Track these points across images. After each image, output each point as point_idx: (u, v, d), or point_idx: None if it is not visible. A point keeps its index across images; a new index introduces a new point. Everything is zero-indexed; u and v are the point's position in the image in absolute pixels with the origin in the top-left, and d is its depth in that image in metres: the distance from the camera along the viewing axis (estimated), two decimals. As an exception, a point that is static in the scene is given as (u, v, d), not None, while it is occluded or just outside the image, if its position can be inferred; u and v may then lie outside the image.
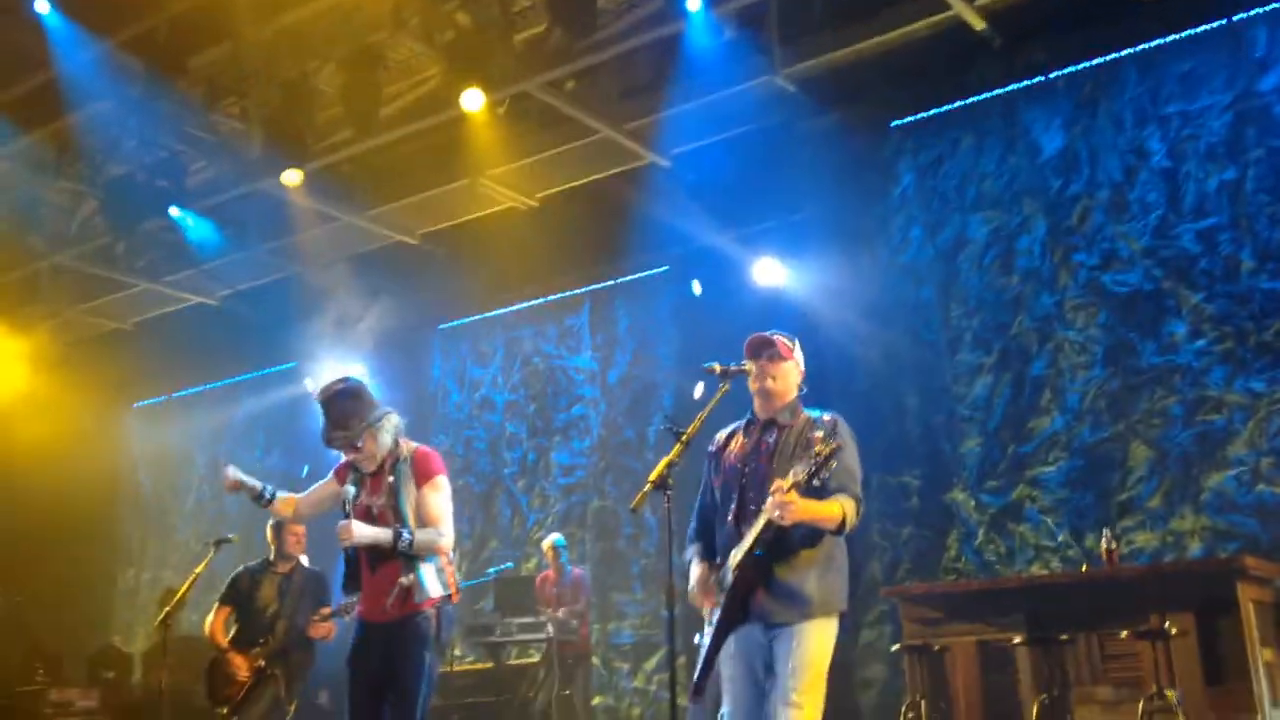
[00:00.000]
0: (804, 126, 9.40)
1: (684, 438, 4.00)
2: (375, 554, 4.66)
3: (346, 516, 4.60)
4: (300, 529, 6.96)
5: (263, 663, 6.60)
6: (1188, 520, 8.00)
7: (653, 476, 3.86)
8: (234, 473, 4.92)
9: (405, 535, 4.59)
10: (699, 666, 4.03)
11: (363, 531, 4.59)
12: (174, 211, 10.26)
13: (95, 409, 12.68)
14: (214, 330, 12.03)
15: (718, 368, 4.37)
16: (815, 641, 3.95)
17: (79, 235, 11.26)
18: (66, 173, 10.15)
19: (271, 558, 7.00)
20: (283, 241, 11.03)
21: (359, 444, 4.69)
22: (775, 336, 4.38)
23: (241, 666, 6.57)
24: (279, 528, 6.93)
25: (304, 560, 7.03)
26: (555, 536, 8.58)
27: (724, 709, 3.99)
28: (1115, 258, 8.59)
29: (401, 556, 4.63)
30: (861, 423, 9.30)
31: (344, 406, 4.70)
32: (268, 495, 4.93)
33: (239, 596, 6.85)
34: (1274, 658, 6.23)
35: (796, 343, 4.55)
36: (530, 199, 10.39)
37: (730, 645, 4.00)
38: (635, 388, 10.81)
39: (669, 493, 3.89)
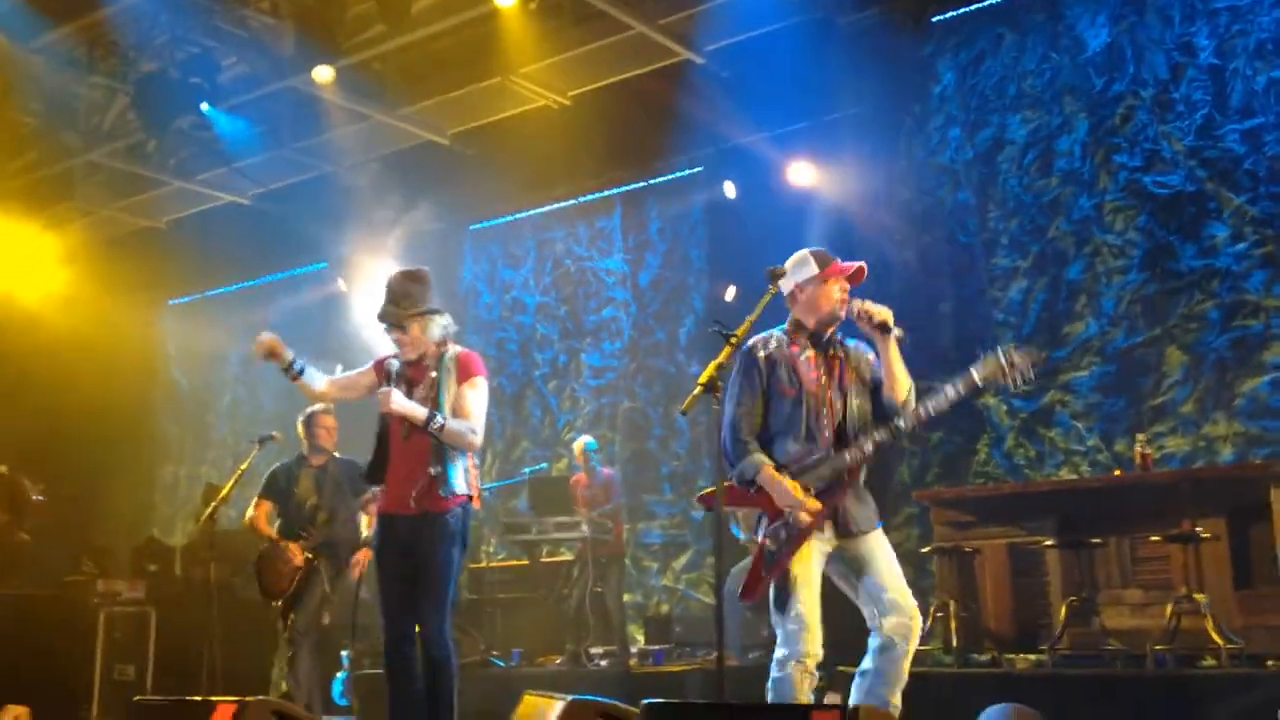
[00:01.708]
0: (843, 22, 9.22)
1: (733, 340, 4.01)
2: (406, 443, 4.72)
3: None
4: (331, 422, 7.04)
5: (310, 554, 6.75)
6: (1220, 425, 8.00)
7: (703, 379, 3.88)
8: (269, 337, 4.90)
9: (439, 418, 4.64)
10: (768, 569, 4.11)
11: (401, 402, 4.65)
12: (205, 108, 10.18)
13: (130, 307, 12.79)
14: (246, 229, 12.04)
15: (781, 270, 4.34)
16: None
17: (112, 132, 11.22)
18: (99, 68, 10.06)
19: (305, 452, 7.09)
20: (314, 140, 10.96)
21: (405, 326, 4.76)
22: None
23: (296, 554, 6.72)
24: (310, 422, 7.01)
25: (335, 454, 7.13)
26: (586, 439, 8.65)
27: (800, 608, 4.10)
28: (1157, 158, 8.46)
29: (432, 446, 4.69)
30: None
31: (404, 287, 4.81)
32: (297, 367, 4.92)
33: (278, 492, 6.96)
34: (1304, 561, 6.27)
35: None
36: (562, 97, 10.25)
37: (809, 550, 4.14)
38: (666, 290, 10.80)
39: (717, 395, 3.91)
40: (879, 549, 4.30)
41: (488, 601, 9.01)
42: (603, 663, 7.77)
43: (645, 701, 3.26)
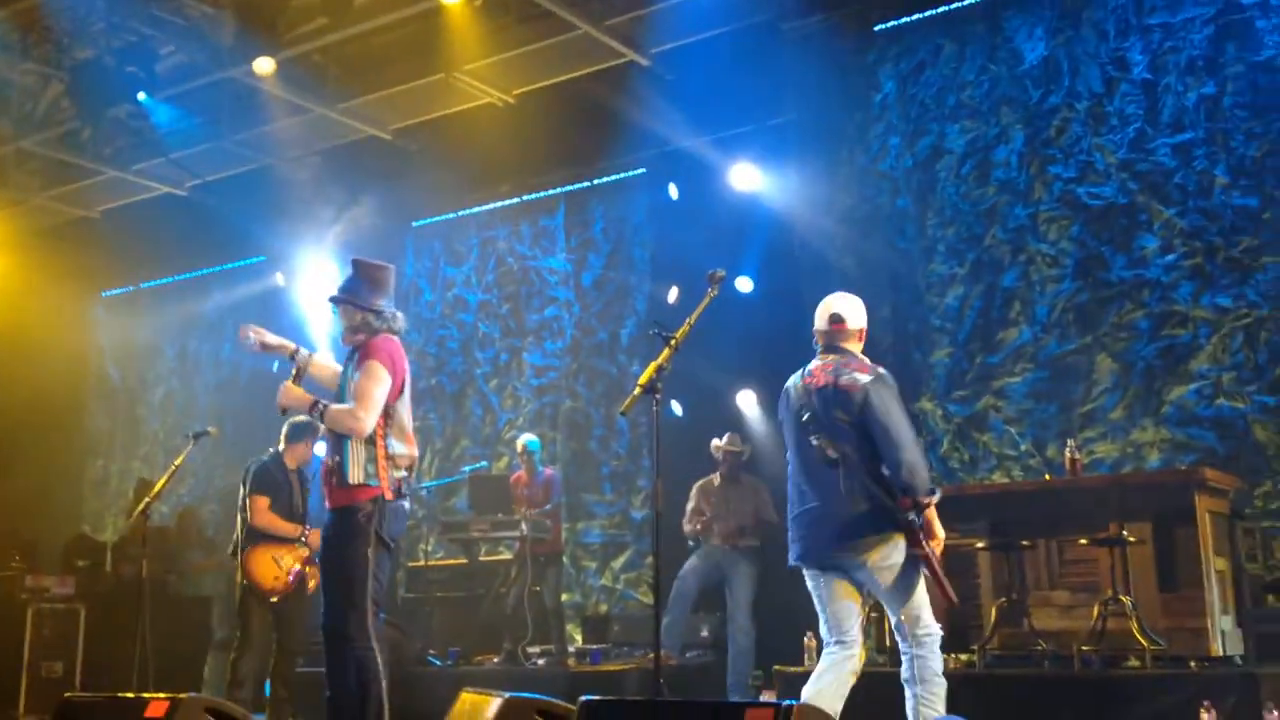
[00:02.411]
0: (787, 27, 9.32)
1: (673, 342, 4.04)
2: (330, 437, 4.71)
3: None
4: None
5: (308, 552, 6.71)
6: (1148, 432, 8.19)
7: (642, 380, 3.92)
8: (257, 333, 4.92)
9: (320, 404, 4.61)
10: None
11: (289, 394, 4.70)
12: (141, 97, 10.03)
13: (62, 298, 12.54)
14: (182, 221, 11.88)
15: (722, 273, 4.41)
16: None
17: (45, 119, 11.02)
18: (33, 54, 9.88)
19: (281, 448, 7.03)
20: (253, 132, 10.85)
21: (338, 311, 4.84)
22: None
23: (293, 557, 6.70)
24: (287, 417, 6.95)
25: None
26: (529, 438, 8.65)
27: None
28: (1091, 170, 8.64)
29: (331, 437, 4.68)
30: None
31: (358, 274, 4.92)
32: (304, 353, 4.90)
33: (274, 487, 6.87)
34: (1226, 567, 6.45)
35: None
36: (507, 95, 10.24)
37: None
38: (609, 290, 10.82)
39: (657, 396, 3.94)
40: None
41: (426, 600, 8.97)
42: (540, 661, 7.78)
43: (583, 698, 3.28)
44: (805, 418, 4.43)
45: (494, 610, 8.35)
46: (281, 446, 7.02)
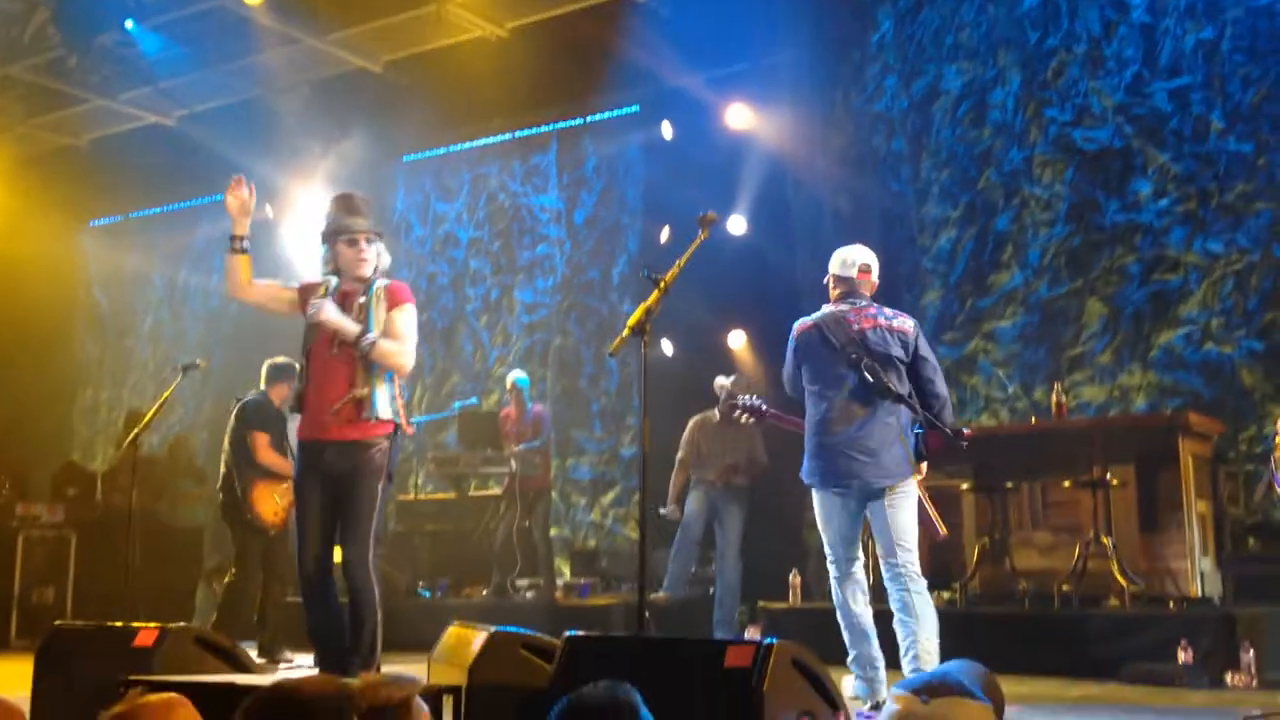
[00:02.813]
0: (784, -36, 9.19)
1: (663, 284, 4.02)
2: (330, 361, 4.58)
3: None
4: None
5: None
6: (1135, 376, 8.24)
7: (631, 322, 3.90)
8: (248, 190, 4.83)
9: (370, 334, 4.51)
10: None
11: (332, 313, 4.49)
12: (129, 25, 9.90)
13: (50, 227, 12.44)
14: (171, 151, 11.76)
15: (714, 215, 4.38)
16: None
17: (31, 46, 10.85)
18: (19, -21, 9.73)
19: (265, 387, 7.09)
20: (242, 63, 10.70)
21: (368, 241, 4.67)
22: None
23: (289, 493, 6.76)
24: (289, 369, 6.99)
25: None
26: (518, 374, 8.64)
27: None
28: (1087, 114, 8.60)
29: (359, 366, 4.54)
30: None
31: (365, 205, 4.76)
32: (245, 245, 4.77)
33: (271, 424, 6.92)
34: (1207, 509, 6.53)
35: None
36: (500, 29, 10.10)
37: None
38: (600, 229, 10.78)
39: (646, 338, 3.94)
40: None
41: (416, 533, 9.04)
42: (529, 595, 7.86)
43: (567, 633, 3.33)
44: (854, 356, 4.64)
45: (483, 544, 8.42)
46: (264, 386, 7.08)
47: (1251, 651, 5.49)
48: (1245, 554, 7.01)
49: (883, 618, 4.83)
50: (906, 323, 4.83)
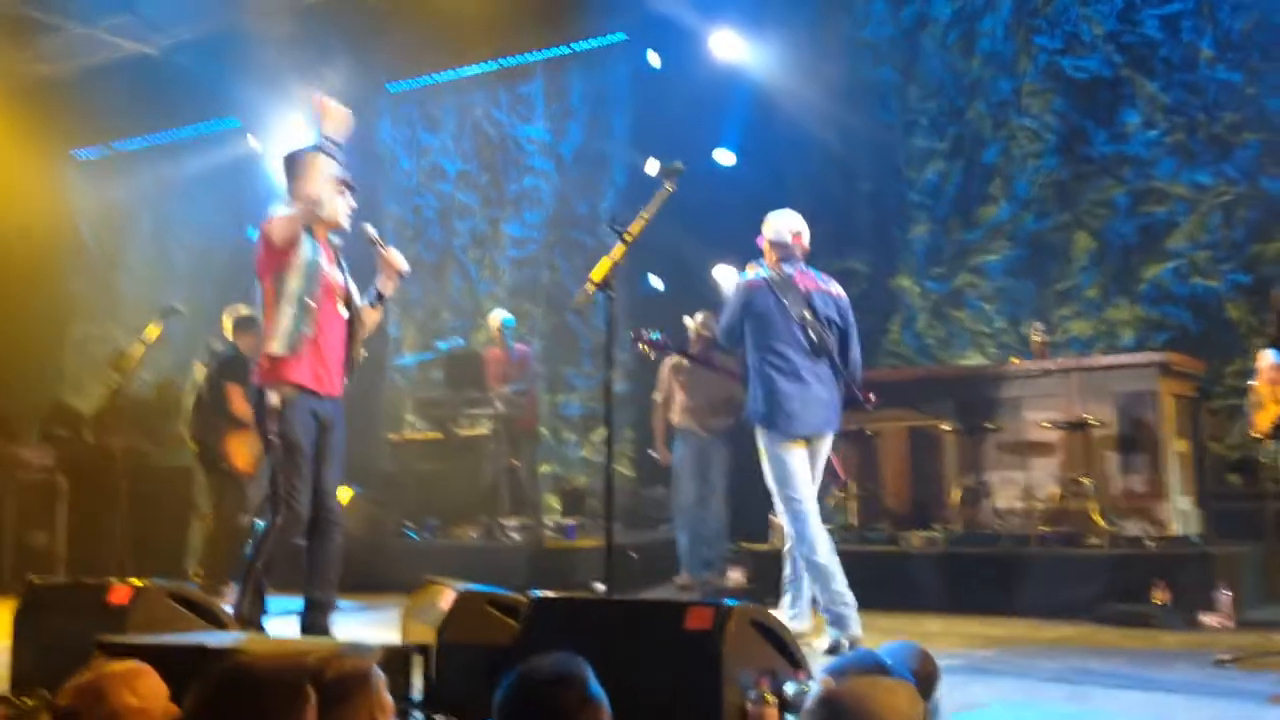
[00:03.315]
0: (773, -116, 8.99)
1: (627, 237, 3.98)
2: (336, 320, 4.66)
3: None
4: None
5: None
6: (1123, 310, 8.22)
7: (595, 276, 3.86)
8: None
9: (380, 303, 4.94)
10: None
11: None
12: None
13: (33, 157, 12.25)
14: (154, 82, 11.55)
15: (680, 166, 4.32)
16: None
17: (9, -28, 10.64)
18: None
19: (232, 337, 7.21)
20: (224, -12, 10.51)
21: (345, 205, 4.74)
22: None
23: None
24: (252, 323, 7.02)
25: None
26: (503, 314, 8.60)
27: None
28: (1077, 42, 8.48)
29: (351, 327, 4.71)
30: (813, 205, 9.32)
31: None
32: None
33: (243, 376, 6.91)
34: (1187, 448, 6.55)
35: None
36: (484, -48, 9.89)
37: None
38: (589, 160, 10.66)
39: (611, 293, 3.90)
40: None
41: (405, 474, 9.08)
42: (516, 536, 7.91)
43: (532, 594, 3.36)
44: (804, 315, 5.03)
45: (471, 485, 8.46)
46: (231, 337, 7.13)
47: (1228, 592, 5.54)
48: (1227, 490, 7.04)
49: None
50: (838, 288, 5.30)
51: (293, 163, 4.70)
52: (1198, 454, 6.71)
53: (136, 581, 3.91)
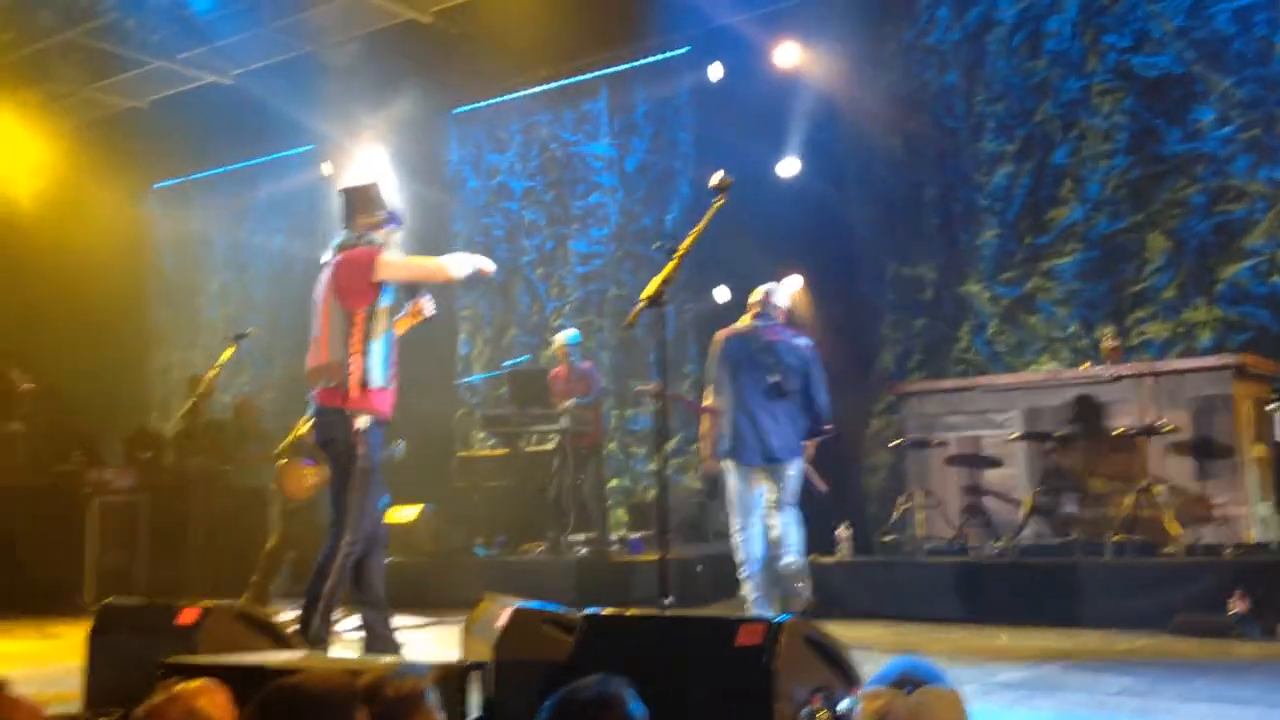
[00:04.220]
0: (832, -105, 8.96)
1: (678, 253, 3.98)
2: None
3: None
4: None
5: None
6: (1200, 311, 8.01)
7: (647, 293, 3.87)
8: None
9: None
10: None
11: None
12: (181, -16, 10.00)
13: (115, 190, 12.66)
14: (230, 110, 11.86)
15: (729, 180, 4.30)
16: None
17: (88, 10, 10.99)
18: (71, -54, 9.85)
19: None
20: (293, 19, 10.74)
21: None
22: None
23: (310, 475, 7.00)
24: None
25: None
26: (569, 333, 8.65)
27: None
28: (1147, 39, 8.30)
29: None
30: (878, 213, 9.24)
31: None
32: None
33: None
34: (1265, 453, 6.36)
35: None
36: (547, -27, 9.99)
37: None
38: (653, 175, 10.70)
39: (663, 309, 3.90)
40: None
41: (473, 489, 9.17)
42: (583, 550, 7.94)
43: (586, 611, 3.37)
44: (769, 361, 5.85)
45: (538, 500, 8.52)
46: None
47: (1307, 600, 5.37)
48: (1311, 495, 6.81)
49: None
50: (802, 340, 6.06)
51: (369, 202, 4.87)
52: (1277, 459, 6.51)
53: (206, 602, 4.00)
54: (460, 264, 4.87)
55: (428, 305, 5.01)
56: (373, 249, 4.78)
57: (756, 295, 6.18)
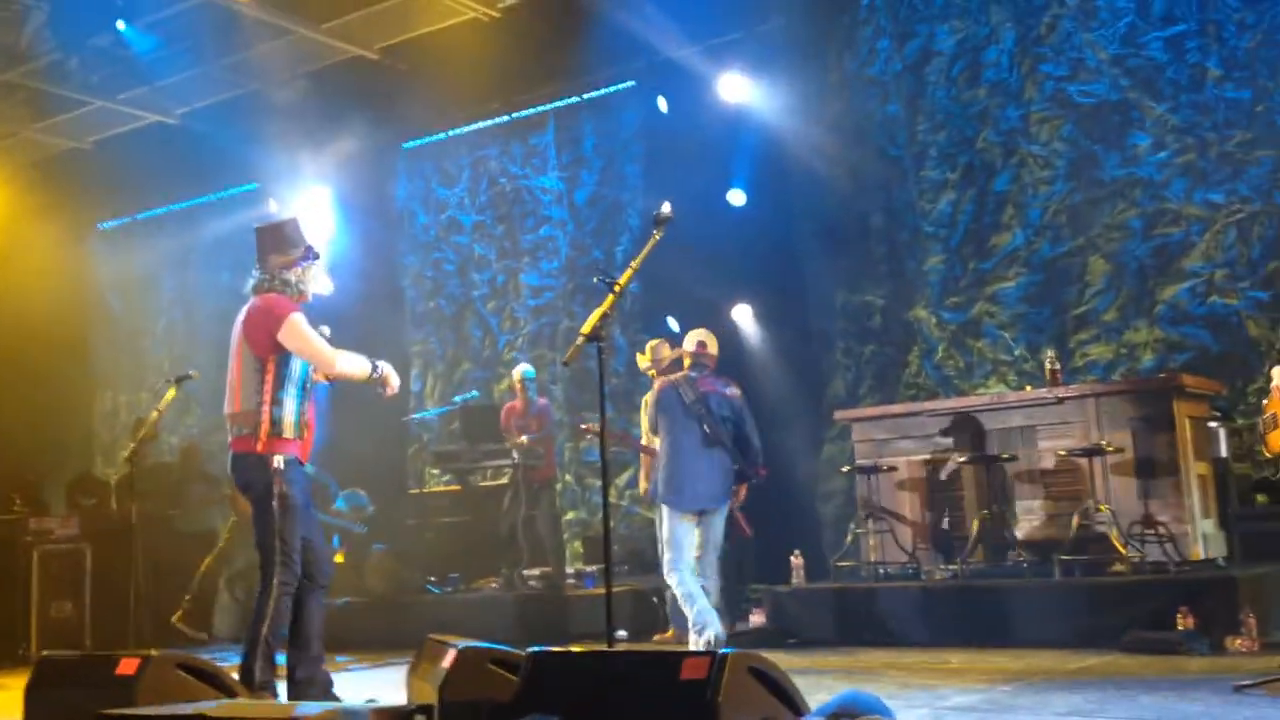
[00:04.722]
0: (773, -72, 9.08)
1: (616, 288, 3.99)
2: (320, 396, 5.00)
3: None
4: None
5: None
6: (1141, 332, 8.15)
7: (585, 329, 3.86)
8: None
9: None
10: None
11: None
12: (121, 26, 9.92)
13: (59, 230, 12.47)
14: (174, 150, 11.77)
15: (668, 214, 4.31)
16: None
17: (29, 52, 10.89)
18: (11, -14, 9.76)
19: None
20: (237, 57, 10.69)
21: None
22: None
23: None
24: None
25: None
26: (525, 368, 8.61)
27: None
28: (1082, 67, 8.47)
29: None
30: (827, 243, 9.32)
31: None
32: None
33: None
34: (1207, 470, 6.45)
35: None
36: (491, 9, 10.01)
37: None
38: (602, 207, 10.74)
39: (602, 345, 3.90)
40: None
41: (427, 526, 9.10)
42: (537, 585, 7.89)
43: (530, 650, 3.35)
44: (700, 411, 6.13)
45: (490, 535, 8.46)
46: None
47: (1252, 616, 5.43)
48: (1254, 510, 6.93)
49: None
50: (734, 391, 6.32)
51: (283, 241, 4.81)
52: (1220, 475, 6.60)
53: (146, 651, 3.93)
54: (353, 364, 4.86)
55: (394, 381, 5.00)
56: (286, 306, 4.74)
57: (689, 345, 6.45)
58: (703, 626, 5.87)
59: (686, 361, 6.39)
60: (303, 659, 4.63)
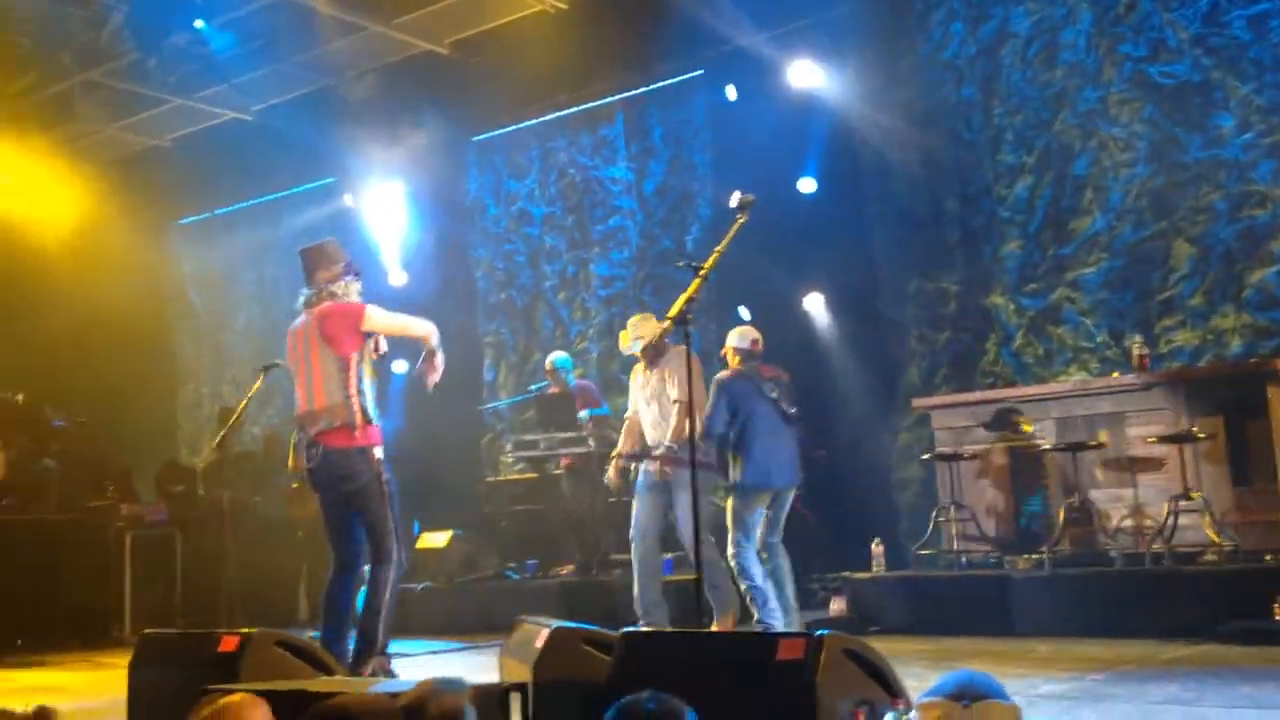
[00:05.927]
0: (845, -87, 9.00)
1: (702, 271, 3.99)
2: None
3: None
4: None
5: None
6: (1229, 318, 7.96)
7: (672, 313, 3.88)
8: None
9: None
10: None
11: None
12: (199, 25, 10.12)
13: (141, 227, 12.79)
14: (251, 146, 11.99)
15: (751, 198, 4.34)
16: None
17: (108, 51, 11.14)
18: (90, -14, 9.99)
19: None
20: (311, 53, 10.86)
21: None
22: None
23: None
24: None
25: None
26: (555, 356, 8.67)
27: None
28: (1163, 48, 8.28)
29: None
30: (899, 230, 9.23)
31: None
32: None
33: None
34: (1303, 457, 6.29)
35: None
36: (559, 1, 10.08)
37: None
38: (671, 197, 10.72)
39: (688, 329, 3.91)
40: None
41: (500, 514, 9.18)
42: (615, 572, 7.90)
43: (624, 630, 3.36)
44: (775, 394, 6.37)
45: (565, 522, 8.50)
46: None
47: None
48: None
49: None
50: (786, 375, 6.58)
51: (326, 259, 5.45)
52: (1315, 462, 6.44)
53: (246, 629, 4.01)
54: (428, 324, 5.39)
55: (439, 364, 5.33)
56: (356, 303, 5.28)
57: (743, 343, 6.59)
58: (764, 601, 6.10)
59: (735, 359, 6.57)
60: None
